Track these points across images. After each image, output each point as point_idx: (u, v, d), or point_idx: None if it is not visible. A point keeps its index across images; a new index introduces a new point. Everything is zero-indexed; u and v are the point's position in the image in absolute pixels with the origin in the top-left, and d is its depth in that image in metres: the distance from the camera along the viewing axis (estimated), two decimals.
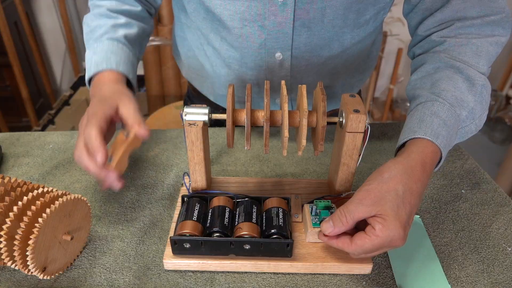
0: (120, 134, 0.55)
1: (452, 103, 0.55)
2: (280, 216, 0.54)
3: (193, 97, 0.93)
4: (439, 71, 0.59)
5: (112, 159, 0.52)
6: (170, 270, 0.54)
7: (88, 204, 0.54)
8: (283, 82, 0.55)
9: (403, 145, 0.54)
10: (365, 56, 0.80)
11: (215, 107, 0.87)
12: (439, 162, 0.54)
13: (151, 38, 1.63)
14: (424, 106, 0.56)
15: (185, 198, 0.58)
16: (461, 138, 0.58)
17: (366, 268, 0.54)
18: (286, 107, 0.51)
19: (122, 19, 0.67)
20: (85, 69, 0.65)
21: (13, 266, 0.49)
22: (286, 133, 0.51)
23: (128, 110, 0.55)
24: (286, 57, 0.71)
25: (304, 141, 0.52)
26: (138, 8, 0.72)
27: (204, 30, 0.74)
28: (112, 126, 0.57)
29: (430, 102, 0.55)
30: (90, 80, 0.64)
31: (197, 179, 0.60)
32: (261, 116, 0.54)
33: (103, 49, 0.63)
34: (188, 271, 0.54)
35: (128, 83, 0.65)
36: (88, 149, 0.51)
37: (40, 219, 0.46)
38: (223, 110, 0.61)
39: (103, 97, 0.57)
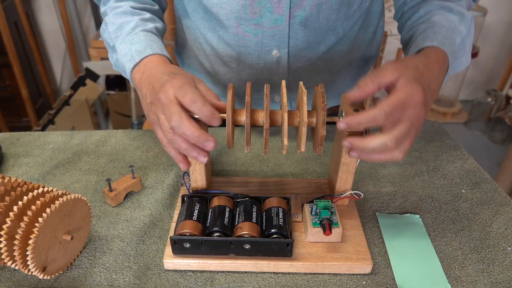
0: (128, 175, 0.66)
1: (448, 28, 0.61)
2: (280, 216, 0.54)
3: None
4: (431, 13, 0.65)
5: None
6: (170, 270, 0.54)
7: (88, 204, 0.54)
8: (283, 83, 0.54)
9: None
10: (363, 48, 0.80)
11: None
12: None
13: None
14: (425, 31, 0.61)
15: (185, 198, 0.58)
16: (454, 70, 0.63)
17: (366, 268, 0.54)
18: (286, 116, 0.51)
19: (147, 15, 0.67)
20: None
21: (13, 266, 0.49)
22: (285, 141, 0.50)
23: (204, 86, 0.54)
24: (283, 54, 0.71)
25: (303, 147, 0.52)
26: (155, 7, 0.72)
27: (202, 29, 0.74)
28: None
29: (430, 28, 0.61)
30: (130, 72, 0.62)
31: (197, 179, 0.60)
32: (261, 116, 0.53)
33: (141, 39, 0.61)
34: (188, 271, 0.54)
35: None
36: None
37: (40, 219, 0.46)
38: None
39: (177, 71, 0.54)
